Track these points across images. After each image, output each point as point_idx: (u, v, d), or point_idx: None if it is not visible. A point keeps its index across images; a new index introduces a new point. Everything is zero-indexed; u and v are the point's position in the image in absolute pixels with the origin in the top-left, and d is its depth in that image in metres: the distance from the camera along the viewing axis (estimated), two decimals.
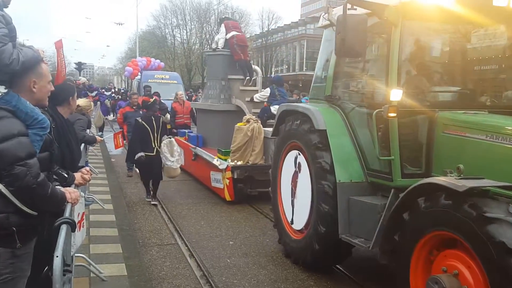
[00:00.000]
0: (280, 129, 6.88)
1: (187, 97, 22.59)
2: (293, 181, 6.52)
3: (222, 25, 11.68)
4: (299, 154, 6.32)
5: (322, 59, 6.75)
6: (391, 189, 5.19)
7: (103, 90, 29.01)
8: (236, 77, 11.45)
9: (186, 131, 12.59)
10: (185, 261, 6.60)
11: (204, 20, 62.84)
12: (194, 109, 13.10)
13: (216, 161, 9.71)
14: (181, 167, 9.84)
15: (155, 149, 9.42)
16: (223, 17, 12.55)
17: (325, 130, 5.76)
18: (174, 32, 64.97)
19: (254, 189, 9.54)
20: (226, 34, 11.41)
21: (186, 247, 7.14)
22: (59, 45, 4.60)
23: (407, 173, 5.17)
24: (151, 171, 9.55)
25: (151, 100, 10.04)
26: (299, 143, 6.25)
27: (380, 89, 5.31)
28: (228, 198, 9.46)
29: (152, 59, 25.88)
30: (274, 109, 10.40)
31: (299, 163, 6.35)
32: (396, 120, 4.99)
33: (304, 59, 59.76)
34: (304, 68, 57.62)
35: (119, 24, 72.75)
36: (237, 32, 11.46)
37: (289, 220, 6.67)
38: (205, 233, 7.86)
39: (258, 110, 10.82)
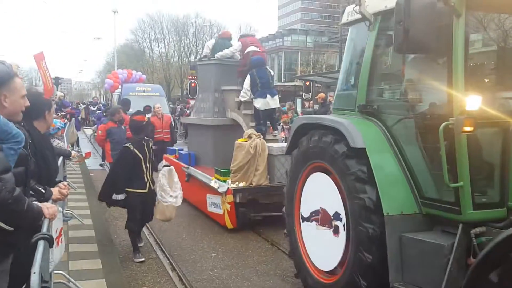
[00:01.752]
0: (298, 145, 5.57)
1: (171, 110, 21.25)
2: (317, 210, 5.23)
3: (239, 41, 10.36)
4: (327, 178, 5.03)
5: (349, 61, 5.51)
6: (456, 224, 3.99)
7: (82, 104, 27.41)
8: (230, 88, 10.07)
9: (176, 148, 11.17)
10: (167, 275, 6.42)
11: (182, 33, 62.11)
12: (183, 124, 11.73)
13: (214, 183, 8.36)
14: None
15: (147, 184, 6.95)
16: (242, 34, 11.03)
17: (364, 148, 4.50)
18: (152, 45, 64.68)
19: (258, 213, 8.23)
20: (242, 48, 10.05)
21: (168, 261, 6.91)
22: (39, 58, 4.65)
23: (479, 203, 3.96)
24: (141, 214, 6.98)
25: (144, 117, 7.34)
26: (328, 165, 4.95)
27: (442, 95, 4.10)
28: (229, 225, 8.11)
29: (134, 72, 24.17)
30: (257, 104, 9.17)
31: (323, 185, 5.07)
32: (466, 136, 3.79)
33: (282, 70, 59.32)
34: (283, 79, 56.97)
35: (97, 38, 71.50)
36: (256, 47, 10.00)
37: (313, 255, 5.37)
38: (187, 246, 7.63)
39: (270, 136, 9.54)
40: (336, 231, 4.85)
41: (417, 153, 4.43)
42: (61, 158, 7.21)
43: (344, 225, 4.70)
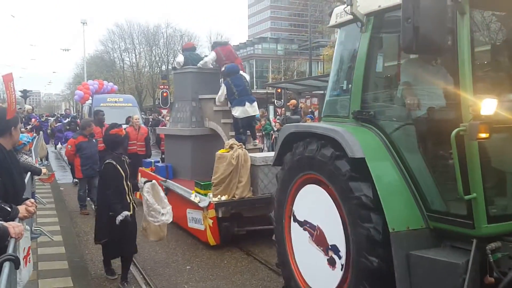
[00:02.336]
0: (286, 157, 5.14)
1: (143, 121, 20.57)
2: (313, 226, 4.81)
3: (213, 51, 9.91)
4: (320, 190, 4.61)
5: (339, 66, 5.13)
6: (468, 238, 3.63)
7: (51, 117, 26.34)
8: (208, 96, 9.56)
9: (153, 160, 10.60)
10: None
11: (153, 43, 61.30)
12: (158, 135, 11.19)
13: (194, 197, 7.85)
14: None
15: (131, 205, 6.07)
16: (215, 42, 10.57)
17: (363, 158, 4.09)
18: (122, 55, 63.45)
19: (242, 227, 7.75)
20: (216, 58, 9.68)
21: (141, 276, 6.65)
22: (8, 79, 4.22)
23: (494, 215, 3.61)
24: (120, 240, 6.02)
25: (122, 130, 6.47)
26: (320, 175, 4.53)
27: (446, 99, 3.74)
28: (212, 242, 7.58)
29: (105, 82, 23.25)
30: (235, 112, 8.75)
31: (320, 200, 4.64)
32: (477, 143, 3.44)
33: (254, 78, 59.16)
34: (255, 86, 56.80)
35: (66, 50, 70.12)
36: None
37: (304, 270, 4.93)
38: (160, 260, 7.36)
39: (249, 146, 9.07)
40: (332, 263, 4.44)
41: (420, 162, 4.06)
42: (28, 174, 6.88)
43: (342, 264, 4.28)
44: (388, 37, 4.62)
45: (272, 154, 8.63)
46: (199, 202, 7.64)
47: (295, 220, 5.09)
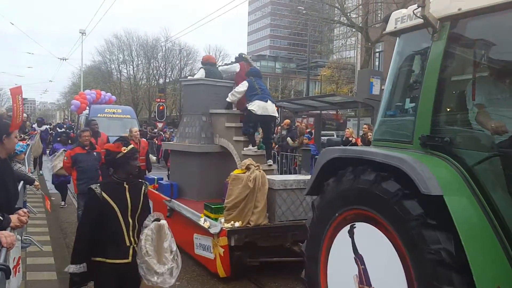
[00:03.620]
0: (327, 185, 4.25)
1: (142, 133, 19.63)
2: (356, 271, 3.89)
3: (238, 64, 9.12)
4: (374, 231, 3.72)
5: (397, 80, 4.26)
6: None
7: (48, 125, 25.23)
8: (219, 111, 8.70)
9: (155, 177, 9.64)
10: None
11: (151, 56, 60.61)
12: (164, 150, 10.21)
13: (203, 222, 6.91)
14: None
15: (130, 250, 4.08)
16: (240, 54, 9.60)
17: (440, 197, 3.21)
18: (120, 67, 62.78)
19: (256, 258, 6.80)
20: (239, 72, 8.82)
21: None
22: (16, 92, 4.11)
23: None
24: None
25: (120, 147, 4.40)
26: (376, 214, 3.64)
27: None
28: (222, 273, 6.61)
29: (102, 92, 22.10)
30: (253, 106, 8.02)
31: (374, 244, 3.74)
32: None
33: None
34: None
35: (63, 59, 69.20)
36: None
37: None
38: None
39: (249, 152, 8.16)
40: None
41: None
42: (21, 182, 6.50)
43: None
44: (469, 46, 3.77)
45: (291, 177, 7.80)
46: (209, 227, 6.70)
47: (336, 260, 4.20)
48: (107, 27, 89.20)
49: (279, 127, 15.16)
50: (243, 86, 8.31)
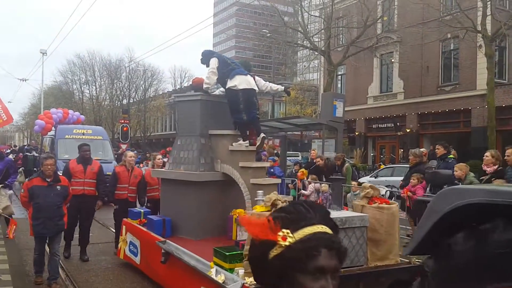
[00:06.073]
0: (455, 245, 2.79)
1: (117, 156, 17.75)
2: None
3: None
4: None
5: None
6: None
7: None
8: (221, 132, 7.11)
9: (142, 210, 7.92)
10: None
11: (114, 77, 58.43)
12: (158, 179, 8.48)
13: (215, 274, 5.31)
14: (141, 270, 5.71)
15: None
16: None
17: None
18: (82, 87, 60.37)
19: None
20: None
21: None
22: None
23: None
24: None
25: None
26: None
27: None
28: None
29: (70, 111, 19.90)
30: (235, 81, 6.97)
31: None
32: None
33: None
34: None
35: (23, 80, 65.97)
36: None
37: None
38: None
39: (240, 147, 6.81)
40: None
41: None
42: None
43: None
44: None
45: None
46: (224, 283, 5.12)
47: None
48: (69, 48, 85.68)
49: None
50: (213, 62, 7.00)
